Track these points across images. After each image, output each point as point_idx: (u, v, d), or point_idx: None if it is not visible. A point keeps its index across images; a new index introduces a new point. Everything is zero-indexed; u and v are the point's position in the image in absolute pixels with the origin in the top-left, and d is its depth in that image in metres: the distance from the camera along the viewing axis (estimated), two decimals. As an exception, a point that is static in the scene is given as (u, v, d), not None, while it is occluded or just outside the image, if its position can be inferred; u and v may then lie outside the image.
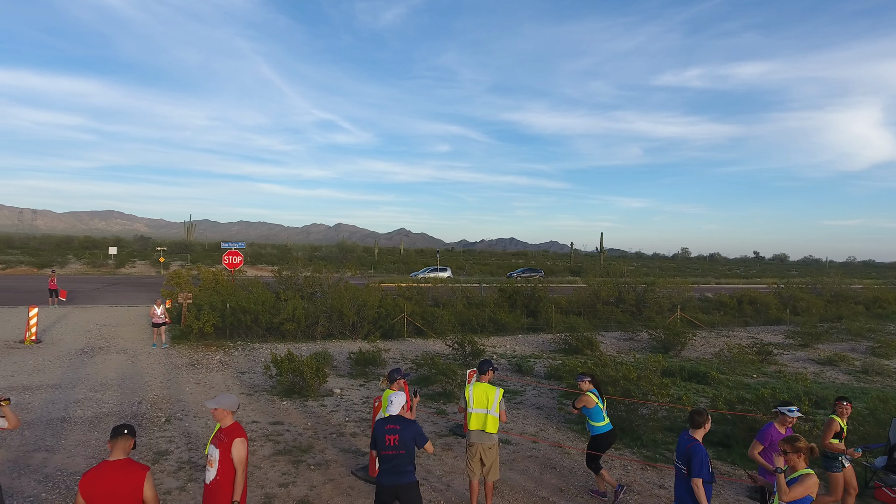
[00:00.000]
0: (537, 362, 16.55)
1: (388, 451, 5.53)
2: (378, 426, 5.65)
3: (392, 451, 5.53)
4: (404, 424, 5.64)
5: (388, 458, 5.54)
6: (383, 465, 5.57)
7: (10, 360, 14.15)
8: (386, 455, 5.54)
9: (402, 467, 5.57)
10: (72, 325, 19.52)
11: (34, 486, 7.28)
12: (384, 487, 5.55)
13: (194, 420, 10.21)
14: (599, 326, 23.40)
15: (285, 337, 18.56)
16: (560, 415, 11.50)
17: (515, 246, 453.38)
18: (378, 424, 5.68)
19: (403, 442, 5.55)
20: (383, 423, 5.64)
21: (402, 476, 5.55)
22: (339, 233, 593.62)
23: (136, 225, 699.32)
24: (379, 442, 5.56)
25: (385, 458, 5.55)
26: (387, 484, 5.53)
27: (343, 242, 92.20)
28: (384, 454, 5.54)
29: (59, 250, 65.75)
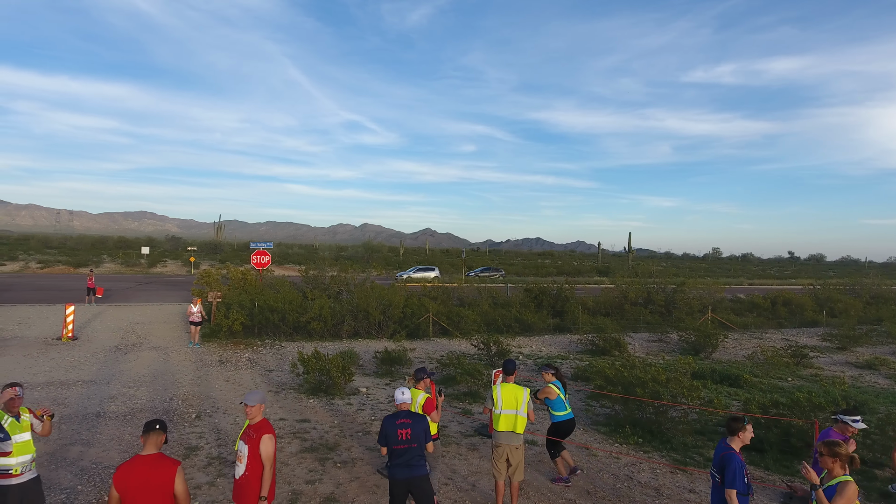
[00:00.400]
0: (564, 363, 16.37)
1: (400, 446, 5.59)
2: (388, 422, 5.69)
3: (405, 444, 5.60)
4: (415, 419, 5.76)
5: (401, 452, 5.59)
6: (396, 460, 5.61)
7: (48, 356, 14.60)
8: (398, 449, 5.59)
9: (414, 460, 5.65)
10: (106, 323, 20.05)
11: (70, 479, 7.49)
12: (398, 481, 5.61)
13: (224, 416, 10.38)
14: (627, 327, 23.06)
15: (312, 336, 18.75)
16: (587, 416, 11.35)
17: (542, 246, 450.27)
18: (388, 420, 5.70)
19: (416, 435, 5.65)
20: (393, 418, 5.69)
21: (414, 469, 5.63)
22: (364, 233, 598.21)
23: (167, 225, 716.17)
24: (391, 437, 5.59)
25: (398, 453, 5.59)
26: (400, 477, 5.60)
27: (369, 242, 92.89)
28: (397, 448, 5.59)
29: (94, 250, 67.74)
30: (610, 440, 9.96)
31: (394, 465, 5.64)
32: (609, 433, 10.30)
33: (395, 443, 5.58)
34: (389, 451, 5.65)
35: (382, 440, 5.69)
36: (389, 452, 5.66)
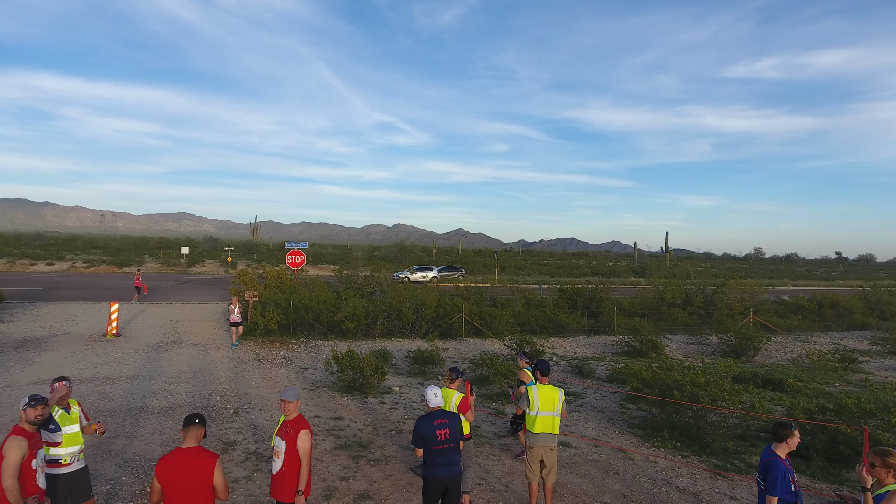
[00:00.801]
0: (599, 365, 16.12)
1: (440, 446, 5.52)
2: (425, 423, 5.59)
3: (444, 444, 5.54)
4: (451, 418, 5.71)
5: (440, 452, 5.53)
6: (436, 460, 5.54)
7: (94, 352, 15.14)
8: (438, 450, 5.52)
9: (452, 459, 5.61)
10: (148, 321, 20.69)
11: (115, 470, 7.74)
12: (437, 480, 5.55)
13: (260, 413, 10.56)
14: (664, 329, 22.56)
15: (346, 335, 18.94)
16: (622, 419, 11.14)
17: (576, 246, 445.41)
18: (424, 421, 5.61)
19: (453, 435, 5.61)
20: (430, 419, 5.60)
21: (452, 468, 5.59)
22: (397, 233, 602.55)
23: (205, 226, 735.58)
24: (429, 438, 5.50)
25: (437, 453, 5.52)
26: (440, 476, 5.54)
27: (401, 242, 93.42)
28: (436, 449, 5.51)
29: (136, 250, 70.08)
30: (646, 444, 9.75)
31: (433, 465, 5.56)
32: (646, 436, 10.09)
33: (433, 443, 5.50)
34: (427, 452, 5.55)
35: (419, 441, 5.58)
36: (427, 453, 5.56)
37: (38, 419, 4.85)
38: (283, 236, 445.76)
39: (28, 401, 4.81)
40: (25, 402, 4.80)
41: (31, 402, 4.81)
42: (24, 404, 4.78)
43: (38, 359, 14.03)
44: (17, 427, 4.72)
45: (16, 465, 4.53)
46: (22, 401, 4.80)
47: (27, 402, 4.80)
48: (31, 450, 4.70)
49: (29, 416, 4.79)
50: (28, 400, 4.81)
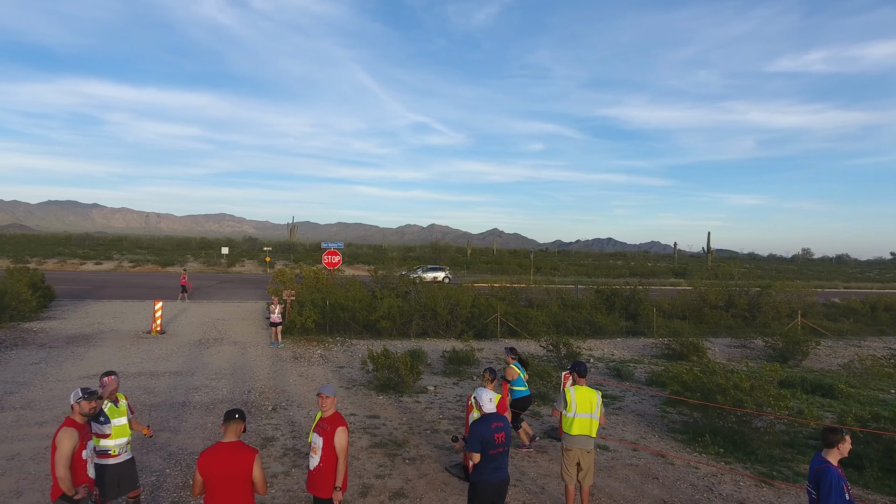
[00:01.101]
0: (637, 367, 15.79)
1: (497, 450, 5.31)
2: (483, 426, 5.33)
3: (501, 448, 5.35)
4: (505, 420, 5.53)
5: (496, 456, 5.33)
6: (492, 464, 5.31)
7: (140, 348, 15.65)
8: (494, 454, 5.31)
9: (504, 463, 5.45)
10: (190, 319, 21.29)
11: (160, 462, 7.97)
12: (492, 486, 5.34)
13: (298, 410, 10.72)
14: (706, 332, 21.92)
15: (381, 334, 19.07)
16: (663, 423, 10.86)
17: (613, 246, 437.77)
18: (482, 425, 5.36)
19: (508, 437, 5.44)
20: (488, 422, 5.35)
21: (504, 472, 5.44)
22: (432, 233, 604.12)
23: (244, 226, 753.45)
24: (488, 441, 5.25)
25: (493, 457, 5.30)
26: (495, 481, 5.35)
27: (436, 243, 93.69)
28: (493, 453, 5.29)
29: (179, 250, 72.32)
30: (688, 449, 9.48)
31: (490, 470, 5.32)
32: (687, 441, 9.81)
33: (491, 447, 5.26)
34: (484, 456, 5.29)
35: (477, 445, 5.28)
36: (486, 457, 5.30)
37: (91, 412, 5.05)
38: (319, 236, 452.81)
39: (82, 394, 4.99)
40: (79, 395, 4.98)
41: (85, 395, 5.01)
42: (79, 397, 4.97)
43: (88, 354, 14.60)
44: (68, 419, 4.91)
45: (68, 455, 4.73)
46: (75, 394, 4.98)
47: (81, 396, 4.98)
48: (82, 441, 4.91)
49: (83, 409, 4.98)
50: (82, 394, 5.00)
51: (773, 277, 43.11)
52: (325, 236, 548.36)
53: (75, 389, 5.00)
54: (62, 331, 17.59)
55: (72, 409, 4.96)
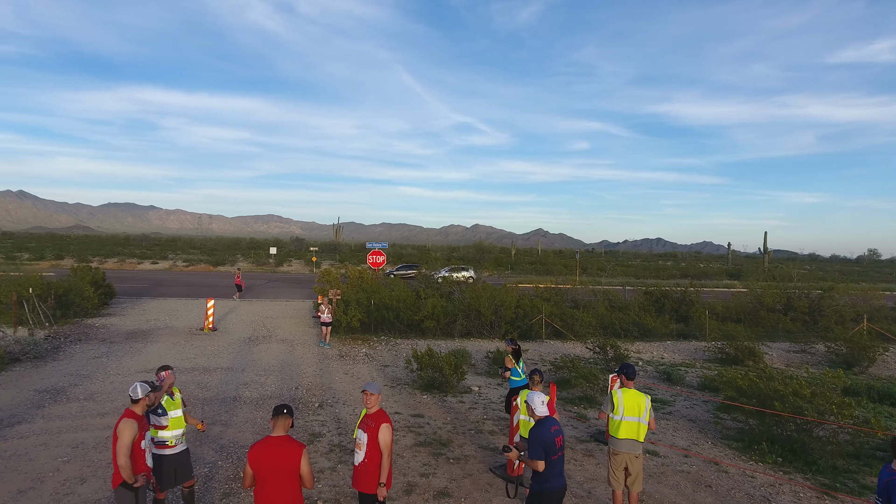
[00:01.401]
0: (689, 371, 15.28)
1: (558, 454, 5.14)
2: (544, 431, 5.11)
3: (560, 452, 5.20)
4: (558, 423, 5.39)
5: (557, 461, 5.16)
6: (553, 470, 5.11)
7: (193, 344, 16.22)
8: (556, 459, 5.13)
9: (563, 468, 5.29)
10: (241, 317, 21.93)
11: (212, 455, 8.22)
12: (556, 493, 5.18)
13: (343, 407, 10.86)
14: (763, 336, 20.99)
15: (425, 334, 19.13)
16: (716, 429, 10.46)
17: (663, 247, 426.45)
18: (542, 430, 5.13)
19: (563, 440, 5.32)
20: (547, 427, 5.15)
21: (563, 477, 5.29)
22: (476, 233, 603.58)
23: (292, 227, 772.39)
24: (551, 447, 5.07)
25: (555, 463, 5.12)
26: (558, 488, 5.19)
27: (480, 243, 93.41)
28: (555, 458, 5.10)
29: (229, 250, 74.70)
30: (743, 457, 9.09)
31: (553, 477, 5.11)
32: (742, 449, 9.41)
33: (553, 452, 5.07)
34: (547, 462, 5.06)
35: (540, 452, 5.04)
36: (546, 464, 5.06)
37: (153, 404, 5.49)
38: (364, 237, 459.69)
39: (150, 388, 5.32)
40: (147, 388, 5.26)
41: (152, 388, 5.39)
42: (147, 391, 5.25)
43: (145, 349, 15.23)
44: (128, 411, 5.16)
45: (128, 445, 4.99)
46: (142, 388, 5.22)
47: (150, 389, 5.31)
48: (141, 432, 5.17)
49: (151, 400, 5.36)
50: (150, 387, 5.32)
51: (836, 279, 40.99)
52: (370, 237, 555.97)
53: (134, 384, 5.24)
54: (121, 327, 18.43)
55: (131, 402, 5.20)
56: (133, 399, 5.19)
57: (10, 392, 10.85)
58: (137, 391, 5.21)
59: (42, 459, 7.78)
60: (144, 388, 5.24)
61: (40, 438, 8.54)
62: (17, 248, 63.51)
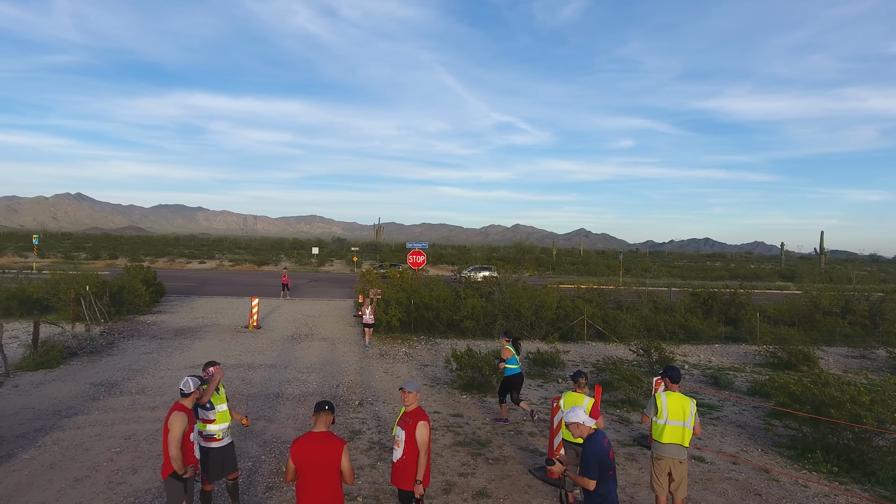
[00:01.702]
0: (738, 376, 14.73)
1: (613, 469, 4.80)
2: (597, 446, 4.75)
3: (614, 465, 4.87)
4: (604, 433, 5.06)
5: (612, 477, 4.82)
6: (610, 486, 4.78)
7: (238, 342, 16.66)
8: (612, 474, 4.80)
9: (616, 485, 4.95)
10: (284, 315, 22.41)
11: (256, 449, 8.41)
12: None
13: (383, 405, 10.94)
14: (818, 340, 20.07)
15: (464, 334, 19.09)
16: (767, 436, 10.04)
17: (711, 247, 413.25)
18: (595, 445, 4.76)
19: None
20: (600, 441, 4.78)
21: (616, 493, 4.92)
22: (516, 234, 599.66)
23: (333, 227, 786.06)
24: (606, 462, 4.74)
25: (611, 479, 4.80)
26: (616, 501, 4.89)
27: (521, 243, 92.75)
28: (611, 473, 4.77)
29: (273, 250, 76.61)
30: (795, 465, 8.70)
31: (610, 494, 4.79)
32: (794, 457, 9.00)
33: (609, 467, 4.74)
34: (602, 478, 4.72)
35: (595, 471, 4.68)
36: (601, 481, 4.73)
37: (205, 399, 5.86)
38: (404, 237, 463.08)
39: (200, 382, 5.57)
40: (198, 383, 5.51)
41: (202, 382, 5.67)
42: (198, 385, 5.49)
43: (193, 346, 15.73)
44: (178, 404, 5.36)
45: (180, 437, 5.19)
46: (193, 382, 5.45)
47: (200, 383, 5.56)
48: (190, 424, 5.37)
49: (200, 394, 5.66)
50: (200, 382, 5.57)
51: (898, 281, 38.82)
52: (410, 237, 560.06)
53: (185, 379, 5.45)
54: (171, 324, 19.10)
55: (181, 396, 5.39)
56: (184, 393, 5.39)
57: (69, 385, 11.39)
58: (189, 385, 5.41)
59: (97, 449, 8.12)
60: (196, 382, 5.47)
61: (95, 430, 8.93)
62: (75, 248, 66.82)
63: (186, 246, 79.45)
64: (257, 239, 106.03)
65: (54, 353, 12.94)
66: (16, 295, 19.34)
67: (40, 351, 12.87)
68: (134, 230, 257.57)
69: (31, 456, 7.81)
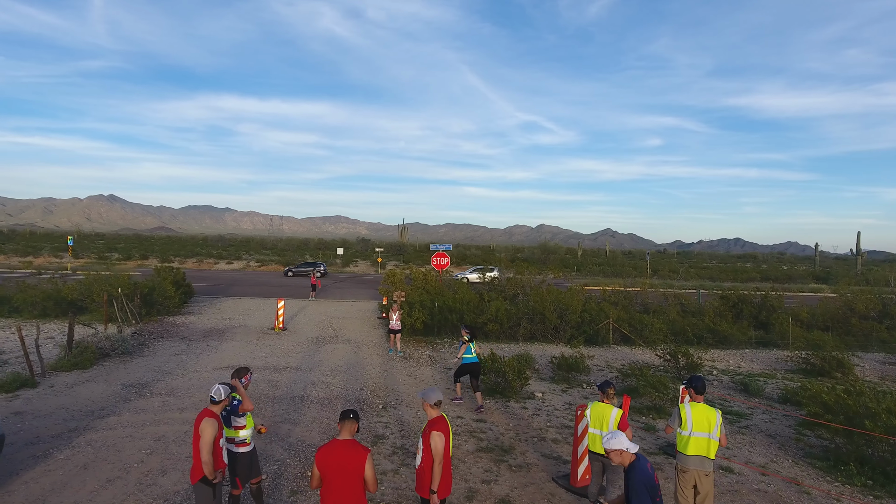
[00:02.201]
0: (768, 382, 14.39)
1: (660, 495, 4.55)
2: (642, 473, 4.49)
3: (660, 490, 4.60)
4: None
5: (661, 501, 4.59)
6: None
7: (265, 343, 16.90)
8: (659, 500, 4.56)
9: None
10: (309, 316, 22.66)
11: (281, 452, 8.51)
12: None
13: (406, 409, 10.97)
14: (854, 346, 19.50)
15: (488, 337, 19.04)
16: (798, 447, 9.78)
17: (741, 247, 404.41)
18: (641, 471, 4.50)
19: None
20: (644, 466, 4.54)
21: None
22: (541, 234, 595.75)
23: (358, 228, 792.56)
24: (654, 488, 4.49)
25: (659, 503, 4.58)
26: None
27: (545, 244, 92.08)
28: (658, 500, 4.53)
29: (298, 251, 77.59)
30: (828, 477, 8.45)
31: None
32: (827, 469, 8.75)
33: (657, 492, 4.49)
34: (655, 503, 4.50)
35: (645, 500, 4.42)
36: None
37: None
38: (428, 237, 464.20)
39: (230, 390, 5.70)
40: (228, 390, 5.64)
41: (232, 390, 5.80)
42: (228, 393, 5.62)
43: (221, 347, 16.02)
44: (207, 410, 5.49)
45: (211, 443, 5.33)
46: (224, 390, 5.58)
47: (230, 391, 5.69)
48: (220, 430, 5.49)
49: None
50: (230, 389, 5.70)
51: (939, 284, 37.38)
52: (434, 237, 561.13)
53: (217, 386, 5.57)
54: (199, 325, 19.49)
55: (211, 402, 5.53)
56: (215, 400, 5.52)
57: (102, 386, 11.70)
58: (221, 393, 5.55)
59: (128, 451, 8.32)
60: (226, 390, 5.61)
61: (126, 431, 9.15)
62: (108, 249, 68.68)
63: (214, 247, 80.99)
64: (283, 239, 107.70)
65: (88, 354, 13.32)
66: (52, 296, 19.97)
67: (75, 352, 13.26)
68: (164, 230, 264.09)
69: (66, 456, 8.04)
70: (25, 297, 19.88)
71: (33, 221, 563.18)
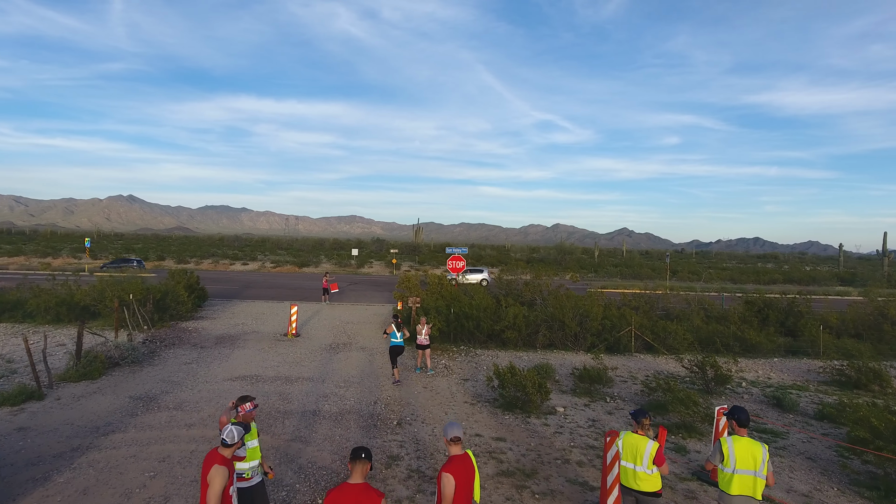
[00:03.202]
0: (802, 395, 13.66)
1: None
2: None
3: None
4: None
5: None
6: None
7: (277, 351, 16.51)
8: None
9: None
10: (322, 322, 22.27)
11: (291, 476, 8.05)
12: None
13: (422, 426, 10.47)
14: (888, 354, 18.64)
15: (506, 344, 18.49)
16: (842, 472, 9.10)
17: (762, 247, 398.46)
18: None
19: None
20: None
21: None
22: (556, 233, 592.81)
23: (373, 228, 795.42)
24: None
25: None
26: None
27: (562, 244, 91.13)
28: None
29: (313, 251, 77.57)
30: (879, 508, 7.79)
31: None
32: (878, 499, 8.08)
33: None
34: None
35: None
36: None
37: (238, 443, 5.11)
38: (443, 237, 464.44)
39: (244, 432, 5.07)
40: (242, 433, 5.02)
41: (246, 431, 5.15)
42: (242, 435, 5.01)
43: (232, 355, 15.66)
44: (218, 455, 4.89)
45: (220, 493, 4.75)
46: (238, 432, 4.96)
47: (244, 433, 5.06)
48: (230, 477, 4.90)
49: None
50: (244, 431, 5.07)
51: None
52: (449, 237, 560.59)
53: (229, 428, 4.95)
54: (212, 331, 19.17)
55: (223, 445, 4.93)
56: (227, 444, 4.92)
57: (109, 398, 11.37)
58: (234, 436, 4.93)
59: (131, 473, 7.93)
60: (240, 432, 4.98)
61: (131, 450, 8.77)
62: (126, 250, 69.23)
63: (230, 247, 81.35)
64: (299, 239, 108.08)
65: (97, 363, 13.03)
66: (65, 301, 19.79)
67: (83, 362, 12.96)
68: (182, 230, 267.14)
69: (66, 479, 7.67)
70: (39, 301, 19.73)
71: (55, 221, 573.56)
